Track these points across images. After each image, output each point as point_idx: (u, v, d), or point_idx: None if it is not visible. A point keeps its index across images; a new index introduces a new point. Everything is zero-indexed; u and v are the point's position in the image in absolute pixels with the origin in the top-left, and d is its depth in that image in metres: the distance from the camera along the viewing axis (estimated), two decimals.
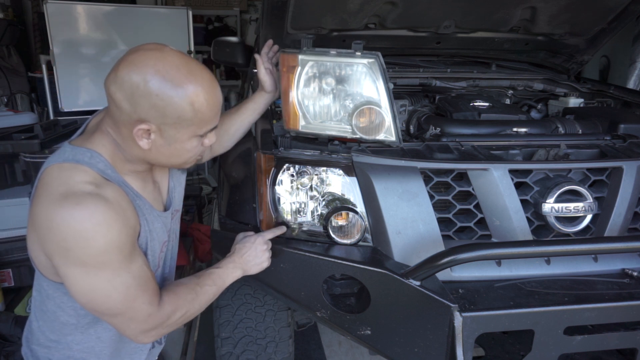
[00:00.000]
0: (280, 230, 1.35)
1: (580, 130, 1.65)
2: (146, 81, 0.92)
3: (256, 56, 1.45)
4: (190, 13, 4.36)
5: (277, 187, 1.38)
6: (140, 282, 0.99)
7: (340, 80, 1.32)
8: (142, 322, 1.01)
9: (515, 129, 1.58)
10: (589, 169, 1.40)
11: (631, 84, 3.12)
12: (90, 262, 0.91)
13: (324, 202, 1.37)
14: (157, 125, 0.96)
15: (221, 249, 1.57)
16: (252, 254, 1.27)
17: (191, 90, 0.95)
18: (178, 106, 0.95)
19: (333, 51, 1.31)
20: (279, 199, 1.38)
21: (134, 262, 0.98)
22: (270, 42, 1.48)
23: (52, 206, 0.90)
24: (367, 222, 1.34)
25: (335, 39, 1.96)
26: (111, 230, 0.92)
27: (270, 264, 1.31)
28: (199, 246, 3.28)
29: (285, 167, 1.37)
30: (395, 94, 1.62)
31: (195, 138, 1.02)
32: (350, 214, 1.35)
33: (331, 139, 1.41)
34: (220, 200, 1.77)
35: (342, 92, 1.33)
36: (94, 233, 0.90)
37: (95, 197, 0.92)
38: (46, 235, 0.91)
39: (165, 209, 1.20)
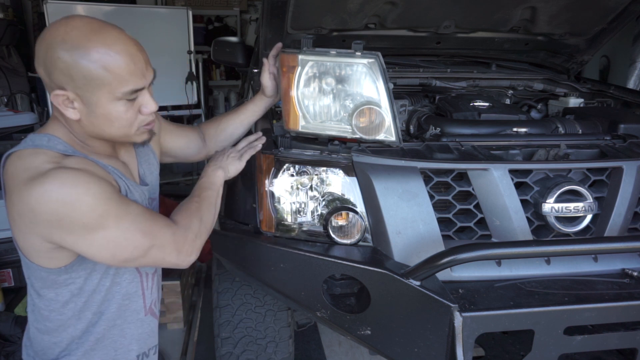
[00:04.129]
0: (257, 137, 1.43)
1: (580, 130, 1.65)
2: (50, 47, 0.93)
3: (264, 60, 1.44)
4: (190, 13, 4.36)
5: (277, 187, 1.38)
6: (147, 215, 1.01)
7: (340, 80, 1.32)
8: (172, 242, 1.04)
9: (515, 129, 1.58)
10: (589, 169, 1.39)
11: (631, 84, 3.12)
12: (89, 221, 0.92)
13: (324, 202, 1.37)
14: (73, 92, 0.95)
15: (221, 249, 1.57)
16: (225, 157, 1.35)
17: (91, 48, 0.93)
18: (81, 67, 0.93)
19: (333, 51, 1.31)
20: (279, 199, 1.38)
21: (130, 204, 0.99)
22: (279, 45, 1.46)
23: (24, 192, 0.90)
24: (367, 222, 1.34)
25: (335, 39, 1.96)
26: (90, 186, 0.92)
27: (243, 167, 1.36)
28: None
29: (285, 167, 1.37)
30: (395, 94, 1.62)
31: (119, 102, 0.99)
32: (350, 214, 1.35)
33: (331, 139, 1.41)
34: None
35: (342, 92, 1.33)
36: (75, 195, 0.90)
37: (58, 169, 0.92)
38: (34, 219, 0.91)
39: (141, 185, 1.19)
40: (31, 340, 1.12)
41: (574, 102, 2.01)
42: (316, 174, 1.37)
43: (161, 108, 3.63)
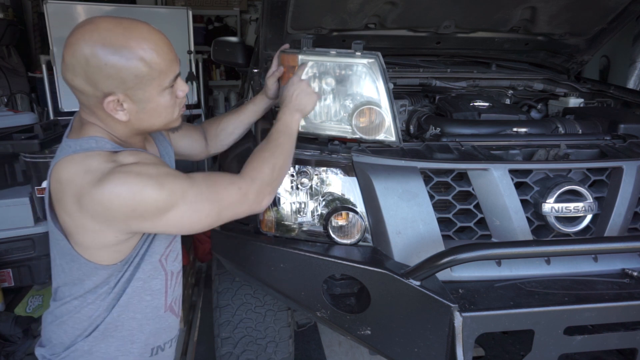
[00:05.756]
0: (304, 67, 1.34)
1: (580, 130, 1.65)
2: (91, 56, 0.92)
3: (274, 60, 1.42)
4: (190, 13, 4.35)
5: None
6: (208, 181, 1.05)
7: (340, 80, 1.32)
8: (243, 197, 1.08)
9: (515, 129, 1.58)
10: (589, 169, 1.40)
11: (631, 84, 3.12)
12: (159, 204, 0.96)
13: (324, 202, 1.37)
14: (123, 94, 0.97)
15: (221, 249, 1.57)
16: (301, 93, 1.29)
17: (134, 46, 0.95)
18: (130, 66, 0.95)
19: (333, 51, 1.31)
20: (279, 199, 1.38)
21: (189, 176, 1.02)
22: (287, 46, 1.45)
23: (95, 193, 0.93)
24: (367, 222, 1.34)
25: (335, 39, 1.96)
26: (150, 172, 0.96)
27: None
28: (199, 246, 3.28)
29: None
30: (395, 94, 1.62)
31: (165, 92, 1.03)
32: (350, 214, 1.35)
33: (331, 139, 1.41)
34: None
35: (342, 92, 1.33)
36: (140, 183, 0.94)
37: (119, 166, 0.96)
38: (109, 215, 0.95)
39: None
40: (50, 334, 1.13)
41: (574, 102, 2.01)
42: (316, 174, 1.37)
43: None
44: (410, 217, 1.29)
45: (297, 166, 1.37)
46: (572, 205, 1.32)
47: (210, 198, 1.03)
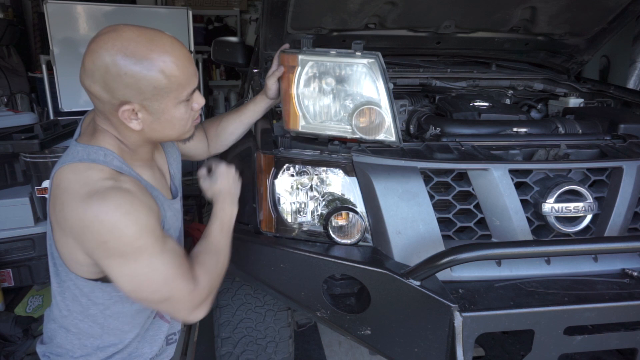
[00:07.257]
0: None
1: (580, 130, 1.65)
2: (111, 64, 0.92)
3: (274, 60, 1.42)
4: (190, 13, 4.35)
5: (277, 187, 1.37)
6: (176, 261, 1.01)
7: (340, 80, 1.32)
8: (188, 300, 1.03)
9: (515, 129, 1.58)
10: (589, 169, 1.40)
11: (631, 84, 3.12)
12: (128, 250, 0.94)
13: (324, 202, 1.37)
14: (139, 103, 0.97)
15: None
16: (229, 187, 1.27)
17: (156, 58, 0.95)
18: (150, 78, 0.94)
19: (333, 51, 1.31)
20: (279, 199, 1.38)
21: (166, 243, 1.00)
22: (287, 45, 1.45)
23: (81, 207, 0.92)
24: (367, 222, 1.34)
25: (335, 39, 1.96)
26: (140, 216, 0.94)
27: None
28: None
29: (285, 167, 1.37)
30: (395, 94, 1.62)
31: (181, 104, 1.02)
32: (350, 214, 1.35)
33: (331, 139, 1.41)
34: None
35: (342, 92, 1.33)
36: (125, 221, 0.92)
37: (117, 189, 0.94)
38: (82, 234, 0.93)
39: (173, 197, 1.22)
40: (51, 333, 1.14)
41: (574, 102, 2.01)
42: (316, 174, 1.36)
43: None
44: (410, 217, 1.29)
45: (297, 166, 1.37)
46: (572, 205, 1.32)
47: (167, 279, 0.99)
